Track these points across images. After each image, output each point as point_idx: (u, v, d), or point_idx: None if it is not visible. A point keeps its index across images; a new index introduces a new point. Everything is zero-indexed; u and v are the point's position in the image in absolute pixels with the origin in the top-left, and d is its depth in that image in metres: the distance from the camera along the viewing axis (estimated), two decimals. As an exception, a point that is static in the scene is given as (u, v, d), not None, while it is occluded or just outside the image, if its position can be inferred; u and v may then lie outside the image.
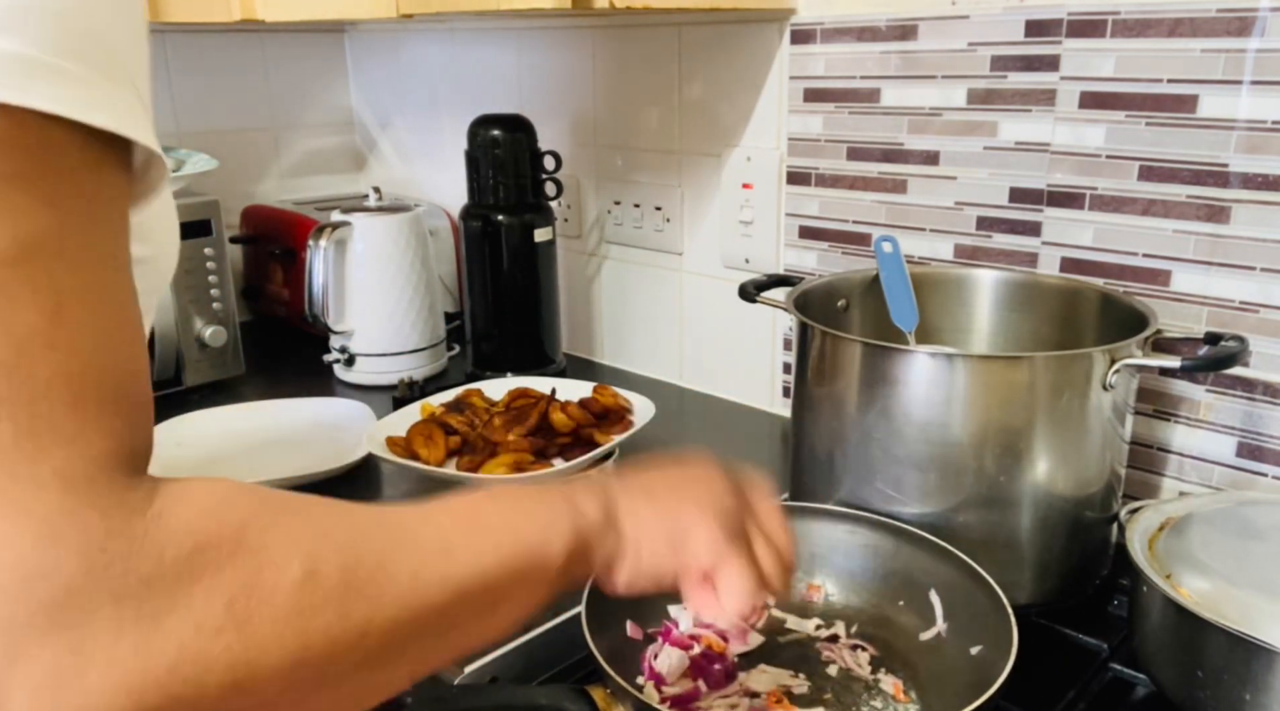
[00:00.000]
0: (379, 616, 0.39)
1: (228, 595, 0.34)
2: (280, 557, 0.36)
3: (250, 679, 0.34)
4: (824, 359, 0.82)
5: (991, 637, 0.66)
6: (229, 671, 0.34)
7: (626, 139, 1.34)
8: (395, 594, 0.40)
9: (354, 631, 0.38)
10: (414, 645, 0.41)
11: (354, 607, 0.38)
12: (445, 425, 0.96)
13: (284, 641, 0.35)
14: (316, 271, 1.29)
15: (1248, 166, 0.83)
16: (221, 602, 0.34)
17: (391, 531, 0.43)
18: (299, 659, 0.36)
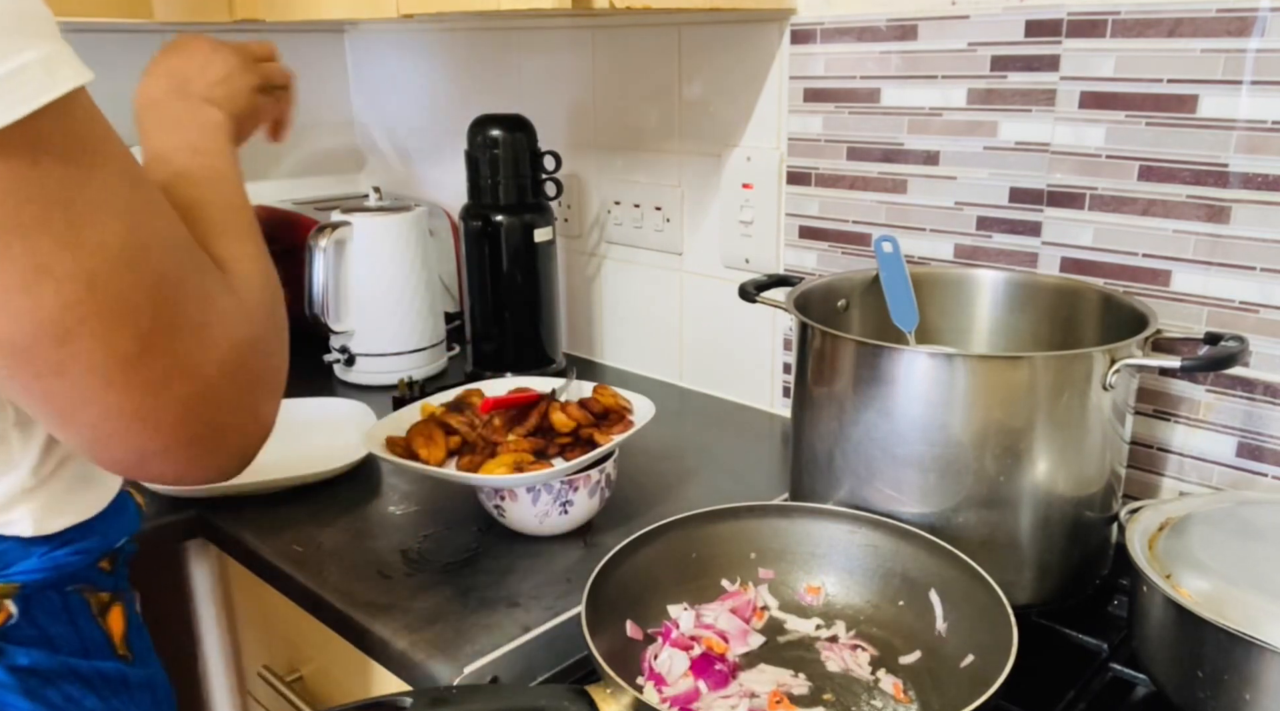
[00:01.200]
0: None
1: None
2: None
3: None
4: (824, 359, 0.82)
5: (991, 637, 0.66)
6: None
7: (626, 139, 1.34)
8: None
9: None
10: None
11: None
12: (445, 425, 0.96)
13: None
14: (316, 271, 1.29)
15: (1248, 166, 0.83)
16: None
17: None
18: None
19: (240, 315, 0.53)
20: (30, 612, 0.59)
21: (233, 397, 0.52)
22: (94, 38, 1.48)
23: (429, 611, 0.82)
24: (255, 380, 0.54)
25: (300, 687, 1.00)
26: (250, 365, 0.53)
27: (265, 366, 0.55)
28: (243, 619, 1.11)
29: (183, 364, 0.48)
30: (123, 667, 0.66)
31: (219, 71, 0.74)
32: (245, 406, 0.53)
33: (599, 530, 0.95)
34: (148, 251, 0.47)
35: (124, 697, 0.65)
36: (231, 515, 0.99)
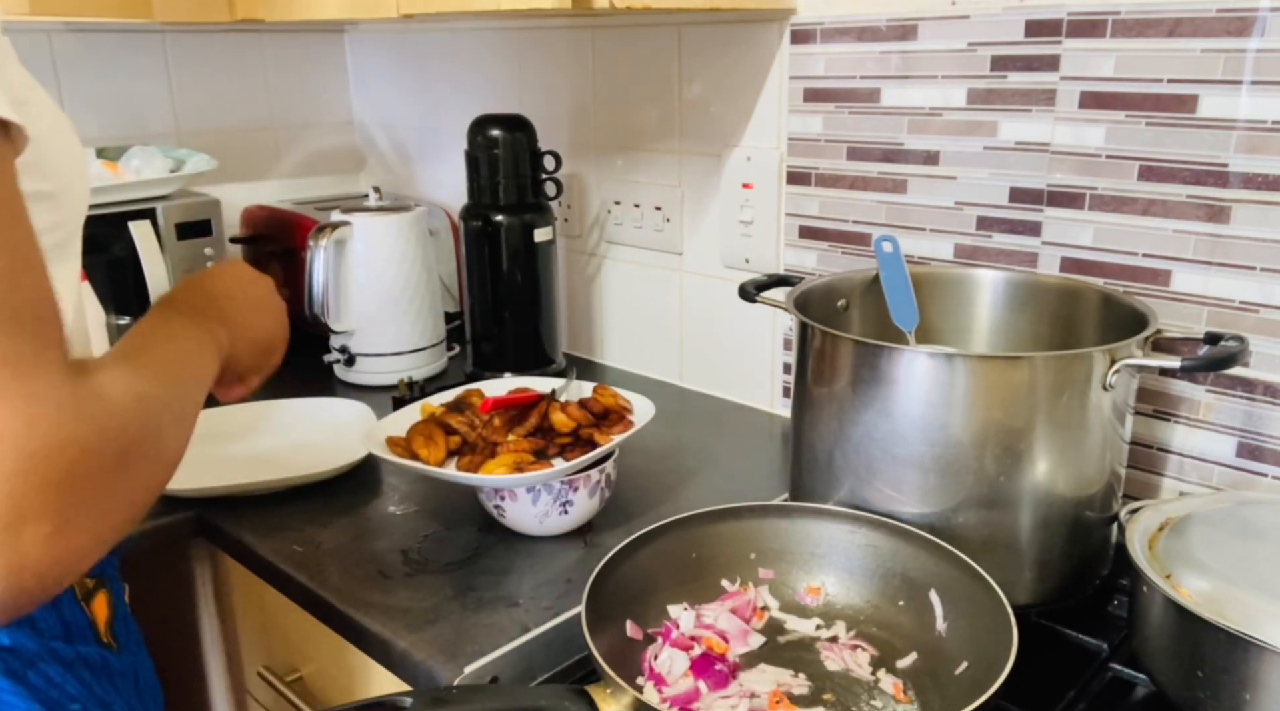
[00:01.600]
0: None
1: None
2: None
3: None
4: (824, 359, 0.82)
5: (991, 638, 0.66)
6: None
7: (626, 139, 1.34)
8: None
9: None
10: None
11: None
12: (445, 425, 0.96)
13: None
14: (316, 271, 1.29)
15: (1248, 166, 0.83)
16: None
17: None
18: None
19: (60, 407, 0.44)
20: None
21: (12, 497, 0.42)
22: (94, 37, 1.48)
23: (429, 611, 0.82)
24: (53, 490, 0.43)
25: (300, 687, 1.00)
26: (46, 468, 0.43)
27: (74, 485, 0.44)
28: (242, 619, 1.11)
29: None
30: (105, 654, 0.66)
31: (249, 297, 0.75)
32: (16, 515, 0.42)
33: (599, 530, 0.95)
34: None
35: (105, 684, 0.65)
36: (231, 515, 0.99)
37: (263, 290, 0.77)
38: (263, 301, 0.76)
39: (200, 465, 1.07)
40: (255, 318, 0.75)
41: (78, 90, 1.47)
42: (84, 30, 1.47)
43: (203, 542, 1.08)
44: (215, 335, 0.68)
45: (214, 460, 1.09)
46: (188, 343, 0.64)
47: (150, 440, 0.51)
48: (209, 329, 0.68)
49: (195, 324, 0.67)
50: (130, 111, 1.54)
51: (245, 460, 1.10)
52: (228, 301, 0.73)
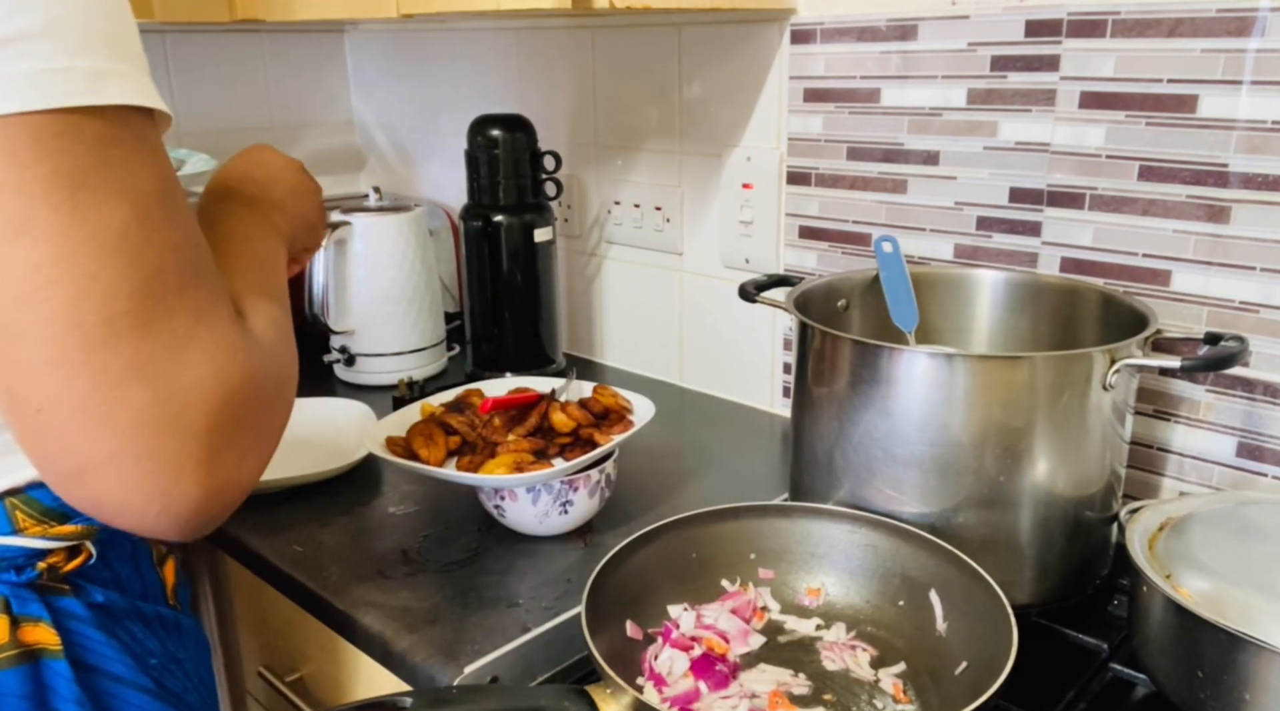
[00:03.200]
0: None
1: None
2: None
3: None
4: (824, 359, 0.82)
5: (991, 638, 0.66)
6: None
7: (626, 139, 1.34)
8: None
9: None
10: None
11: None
12: (445, 425, 0.96)
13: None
14: (316, 271, 1.29)
15: (1248, 166, 0.83)
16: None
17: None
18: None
19: (240, 352, 0.51)
20: (105, 555, 0.65)
21: (200, 429, 0.49)
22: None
23: (429, 611, 0.82)
24: (238, 422, 0.51)
25: (299, 688, 1.00)
26: (236, 404, 0.50)
27: (256, 415, 0.52)
28: (242, 619, 1.11)
29: (150, 366, 0.46)
30: (175, 614, 0.71)
31: (289, 183, 0.78)
32: (215, 446, 0.50)
33: (599, 530, 0.95)
34: (150, 246, 0.47)
35: (176, 641, 0.70)
36: (232, 515, 0.99)
37: (297, 171, 0.81)
38: (300, 183, 0.80)
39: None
40: (301, 200, 0.79)
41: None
42: (84, 30, 1.47)
43: (203, 542, 1.08)
44: (277, 225, 0.72)
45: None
46: (264, 242, 0.68)
47: (289, 357, 0.59)
48: (272, 221, 0.72)
49: (260, 217, 0.70)
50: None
51: (245, 460, 1.10)
52: (275, 187, 0.76)
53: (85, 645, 0.62)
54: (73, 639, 0.61)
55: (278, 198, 0.75)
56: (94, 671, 0.62)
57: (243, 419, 0.51)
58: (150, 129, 0.49)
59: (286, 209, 0.75)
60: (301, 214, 0.79)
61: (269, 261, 0.67)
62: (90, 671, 0.62)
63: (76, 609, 0.62)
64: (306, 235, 0.81)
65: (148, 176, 0.48)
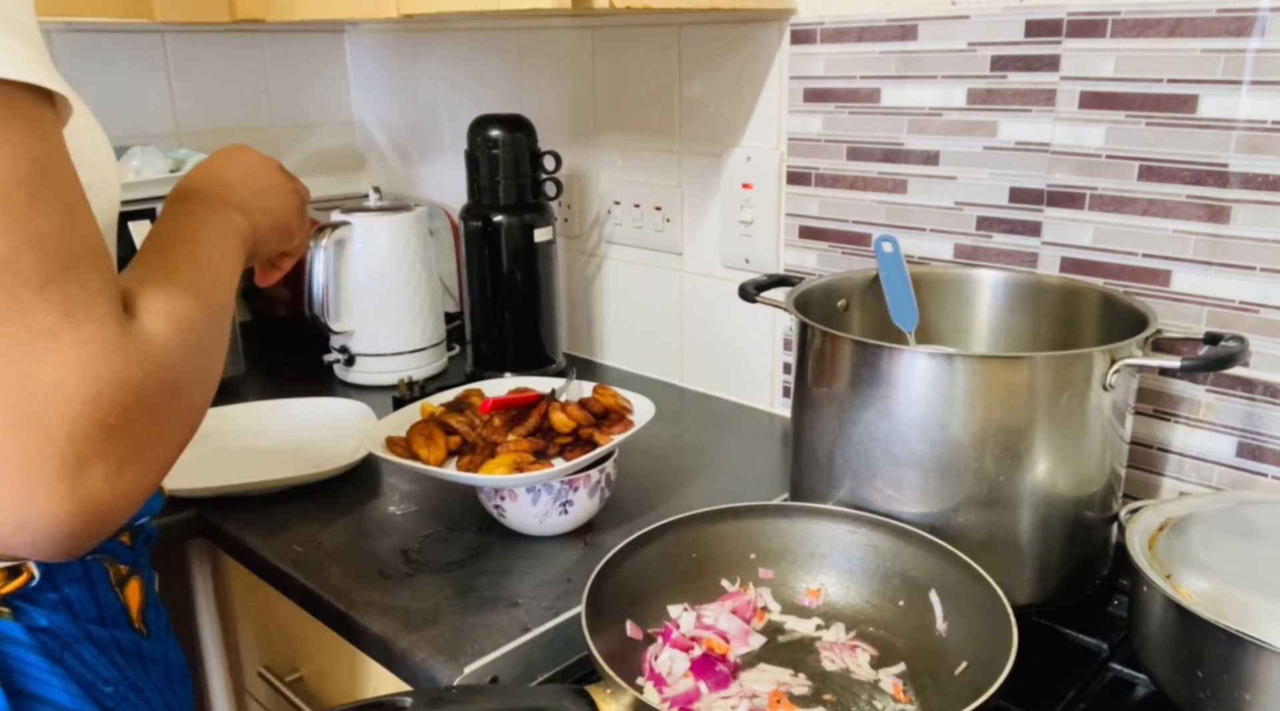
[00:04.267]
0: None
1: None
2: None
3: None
4: (824, 359, 0.82)
5: (991, 638, 0.66)
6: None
7: (626, 139, 1.34)
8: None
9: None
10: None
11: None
12: (445, 425, 0.96)
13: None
14: (316, 271, 1.29)
15: (1248, 166, 0.83)
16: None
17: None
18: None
19: (114, 353, 0.47)
20: (51, 576, 0.61)
21: (61, 437, 0.45)
22: (94, 37, 1.48)
23: (429, 611, 0.82)
24: (107, 433, 0.46)
25: (299, 687, 1.00)
26: (105, 413, 0.46)
27: (132, 427, 0.48)
28: (242, 619, 1.11)
29: (4, 366, 0.43)
30: (138, 639, 0.67)
31: (262, 182, 0.75)
32: (83, 457, 0.45)
33: (599, 530, 0.95)
34: (3, 235, 0.44)
35: (136, 667, 0.67)
36: (231, 515, 0.99)
37: (274, 171, 0.78)
38: (275, 183, 0.77)
39: (200, 465, 1.07)
40: (270, 199, 0.76)
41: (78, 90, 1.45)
42: (84, 30, 1.47)
43: (203, 542, 1.08)
44: (234, 222, 0.69)
45: (214, 460, 1.09)
46: (209, 241, 0.64)
47: (196, 364, 0.54)
48: (228, 217, 0.68)
49: (213, 213, 0.68)
50: (130, 111, 1.54)
51: (245, 460, 1.10)
52: (241, 185, 0.73)
53: (25, 671, 0.59)
54: (10, 664, 0.58)
55: (243, 197, 0.72)
56: (33, 699, 0.59)
57: (114, 427, 0.47)
58: (35, 109, 0.46)
59: (252, 209, 0.72)
60: (272, 214, 0.76)
61: (209, 261, 0.63)
62: (29, 699, 0.59)
63: (15, 632, 0.59)
64: (279, 237, 0.78)
65: (13, 158, 0.44)
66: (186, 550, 1.11)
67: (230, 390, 1.34)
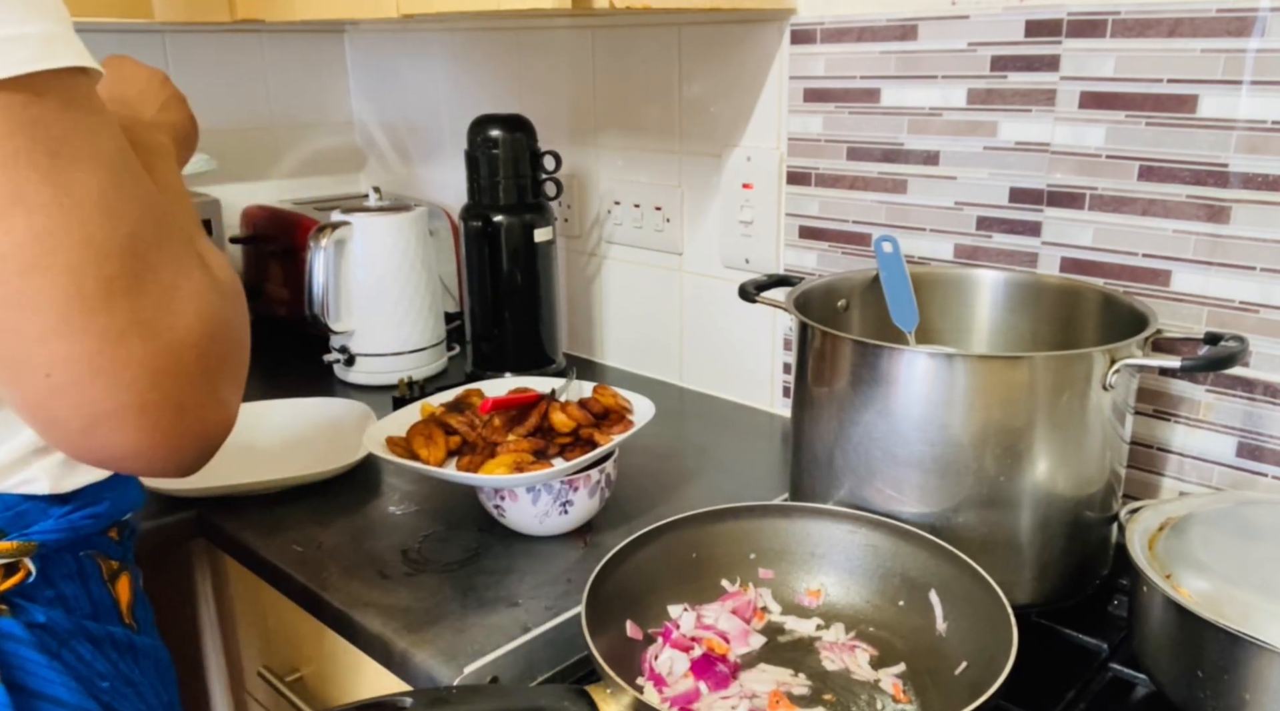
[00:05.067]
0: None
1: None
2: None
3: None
4: (824, 359, 0.82)
5: (991, 638, 0.66)
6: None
7: (626, 139, 1.34)
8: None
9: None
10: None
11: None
12: (445, 425, 0.96)
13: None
14: (316, 271, 1.29)
15: (1248, 166, 0.83)
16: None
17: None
18: None
19: (214, 293, 0.53)
20: (47, 572, 0.62)
21: (194, 372, 0.51)
22: (94, 37, 1.47)
23: (429, 611, 0.82)
24: (221, 361, 0.54)
25: (300, 687, 1.00)
26: (218, 344, 0.53)
27: (232, 352, 0.55)
28: (242, 619, 1.11)
29: (146, 320, 0.48)
30: (130, 634, 0.68)
31: (159, 96, 0.78)
32: (207, 386, 0.53)
33: (599, 530, 0.95)
34: (127, 205, 0.48)
35: (130, 662, 0.67)
36: (231, 515, 0.99)
37: (164, 81, 0.80)
38: (170, 94, 0.79)
39: (200, 465, 1.07)
40: (172, 111, 0.78)
41: (78, 90, 1.47)
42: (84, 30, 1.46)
43: (203, 542, 1.08)
44: (164, 144, 0.71)
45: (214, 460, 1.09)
46: (165, 172, 0.66)
47: (244, 297, 0.60)
48: (158, 141, 0.70)
49: (148, 141, 0.69)
50: (130, 111, 1.54)
51: (245, 460, 1.10)
52: (144, 103, 0.76)
53: (25, 667, 0.60)
54: (10, 661, 0.59)
55: (153, 116, 0.75)
56: (33, 695, 0.60)
57: (224, 357, 0.54)
58: (94, 89, 0.49)
59: (164, 124, 0.75)
60: (178, 126, 0.77)
61: (179, 192, 0.66)
62: (29, 695, 0.60)
63: (14, 630, 0.60)
64: (187, 148, 0.80)
65: (109, 136, 0.49)
66: (186, 550, 1.11)
67: (230, 390, 1.34)
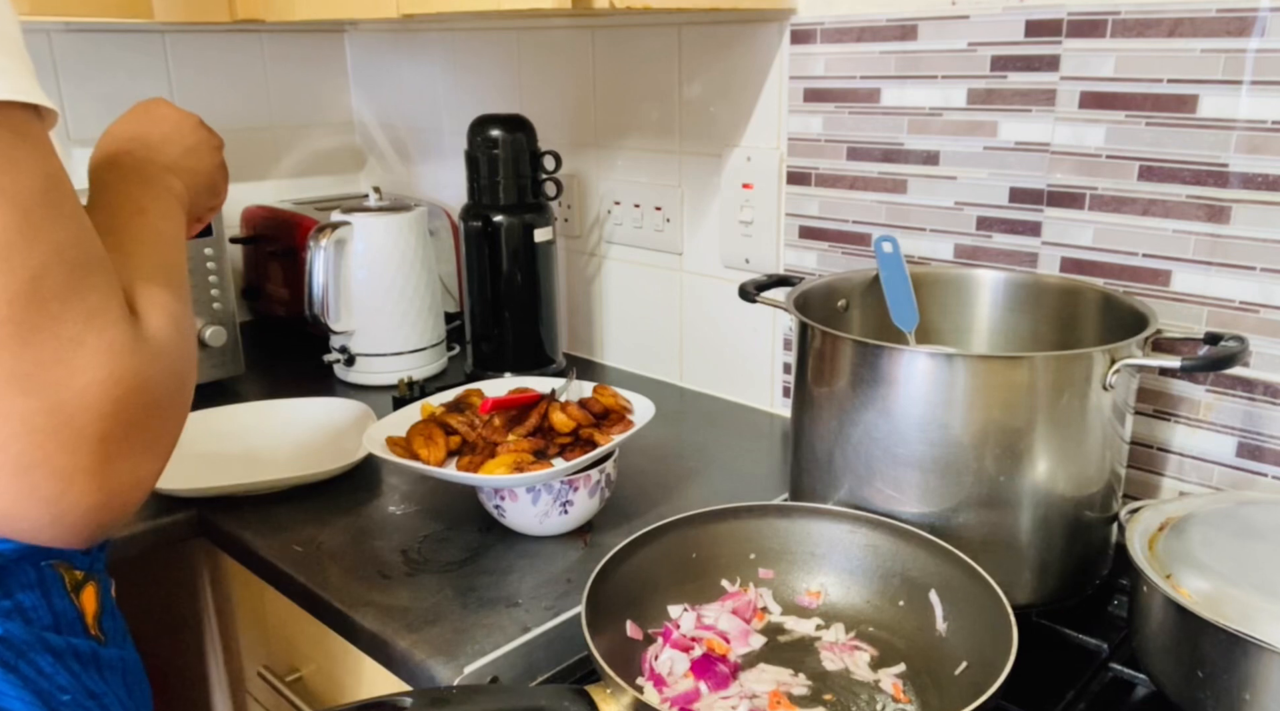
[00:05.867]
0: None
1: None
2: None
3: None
4: (824, 359, 0.82)
5: (991, 638, 0.66)
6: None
7: (626, 139, 1.34)
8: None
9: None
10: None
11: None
12: (445, 425, 0.96)
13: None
14: (316, 271, 1.29)
15: (1248, 166, 0.83)
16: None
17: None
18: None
19: (132, 356, 0.50)
20: (5, 583, 0.60)
21: (90, 435, 0.48)
22: (94, 37, 1.48)
23: (429, 611, 0.82)
24: (130, 427, 0.50)
25: (300, 687, 1.00)
26: (126, 409, 0.49)
27: (150, 419, 0.51)
28: (242, 619, 1.11)
29: (33, 376, 0.45)
30: (95, 646, 0.66)
31: (187, 141, 0.75)
32: (106, 453, 0.49)
33: (599, 530, 0.95)
34: (31, 248, 0.46)
35: (94, 675, 0.65)
36: (231, 515, 0.99)
37: (195, 127, 0.76)
38: (199, 140, 0.76)
39: (200, 465, 1.07)
40: (197, 158, 0.75)
41: (78, 90, 1.47)
42: (84, 30, 1.47)
43: (203, 542, 1.08)
44: (173, 188, 0.68)
45: (214, 460, 1.09)
46: (159, 215, 0.64)
47: (188, 350, 0.57)
48: (168, 185, 0.68)
49: (155, 183, 0.67)
50: (123, 109, 1.54)
51: (245, 460, 1.10)
52: (167, 145, 0.72)
53: None
54: None
55: (173, 159, 0.71)
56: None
57: (136, 423, 0.50)
58: (34, 124, 0.48)
59: (183, 170, 0.72)
60: (201, 173, 0.75)
61: (164, 237, 0.63)
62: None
63: None
64: (208, 196, 0.78)
65: (30, 174, 0.46)
66: (186, 550, 1.11)
67: (230, 390, 1.34)
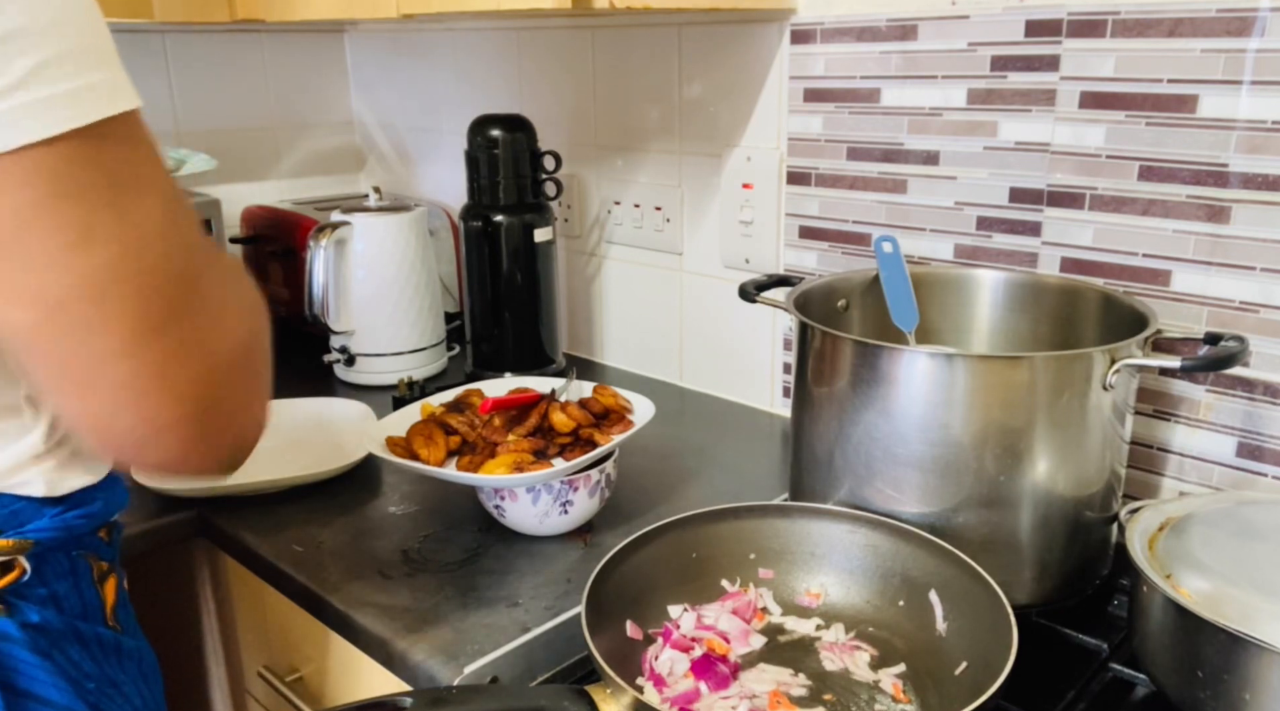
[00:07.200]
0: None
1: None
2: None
3: None
4: (824, 359, 0.82)
5: (991, 638, 0.66)
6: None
7: (626, 139, 1.34)
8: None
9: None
10: None
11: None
12: (445, 425, 0.96)
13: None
14: (316, 271, 1.29)
15: (1248, 166, 0.83)
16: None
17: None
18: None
19: (254, 307, 0.57)
20: (41, 571, 0.63)
21: (238, 383, 0.55)
22: (94, 38, 1.48)
23: (429, 611, 0.82)
24: (257, 371, 0.57)
25: (300, 687, 1.00)
26: (255, 356, 0.57)
27: (265, 362, 0.59)
28: (242, 619, 1.11)
29: (200, 339, 0.51)
30: (115, 635, 0.68)
31: None
32: (246, 396, 0.57)
33: (599, 530, 0.95)
34: (179, 231, 0.51)
35: (114, 664, 0.67)
36: (231, 515, 0.99)
37: None
38: None
39: (200, 465, 1.07)
40: None
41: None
42: (84, 30, 1.47)
43: (203, 542, 1.08)
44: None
45: (214, 460, 1.09)
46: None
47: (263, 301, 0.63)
48: None
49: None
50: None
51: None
52: None
53: (18, 668, 0.60)
54: (6, 662, 0.59)
55: None
56: (26, 697, 0.60)
57: (259, 368, 0.58)
58: (143, 122, 0.52)
59: None
60: None
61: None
62: (22, 697, 0.60)
63: (10, 629, 0.60)
64: None
65: (159, 166, 0.51)
66: (186, 550, 1.11)
67: (230, 390, 1.34)
